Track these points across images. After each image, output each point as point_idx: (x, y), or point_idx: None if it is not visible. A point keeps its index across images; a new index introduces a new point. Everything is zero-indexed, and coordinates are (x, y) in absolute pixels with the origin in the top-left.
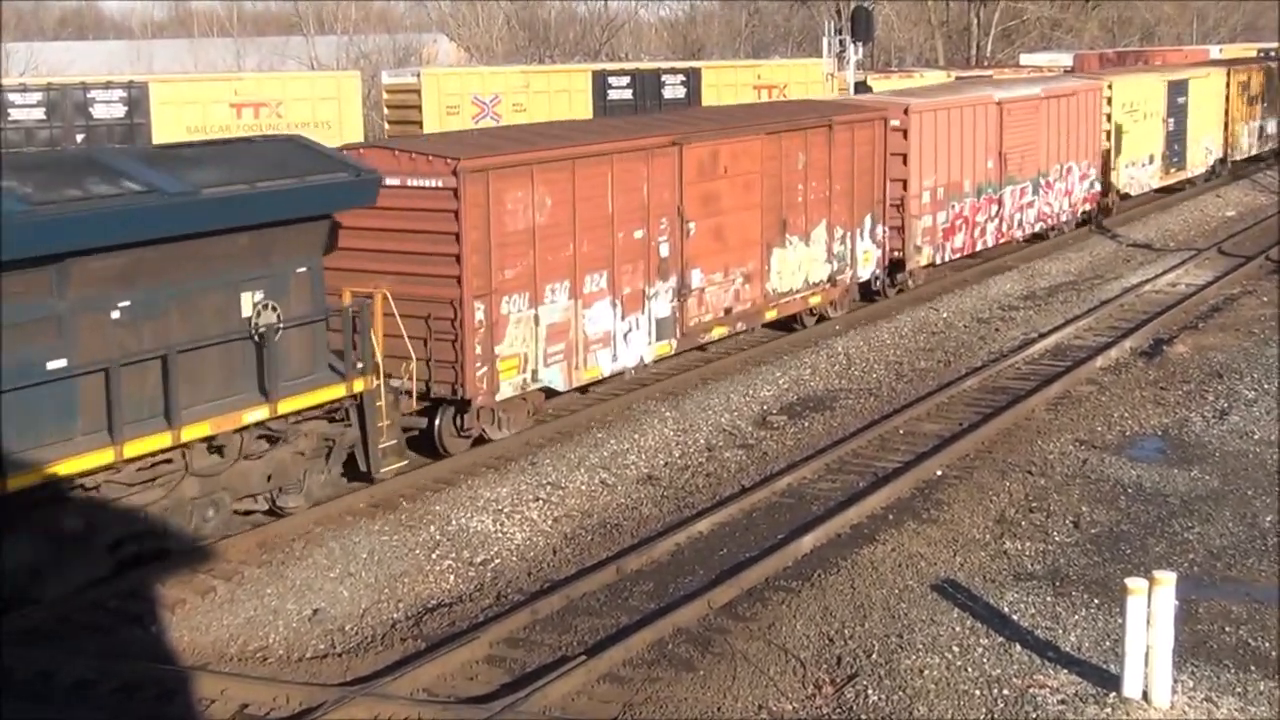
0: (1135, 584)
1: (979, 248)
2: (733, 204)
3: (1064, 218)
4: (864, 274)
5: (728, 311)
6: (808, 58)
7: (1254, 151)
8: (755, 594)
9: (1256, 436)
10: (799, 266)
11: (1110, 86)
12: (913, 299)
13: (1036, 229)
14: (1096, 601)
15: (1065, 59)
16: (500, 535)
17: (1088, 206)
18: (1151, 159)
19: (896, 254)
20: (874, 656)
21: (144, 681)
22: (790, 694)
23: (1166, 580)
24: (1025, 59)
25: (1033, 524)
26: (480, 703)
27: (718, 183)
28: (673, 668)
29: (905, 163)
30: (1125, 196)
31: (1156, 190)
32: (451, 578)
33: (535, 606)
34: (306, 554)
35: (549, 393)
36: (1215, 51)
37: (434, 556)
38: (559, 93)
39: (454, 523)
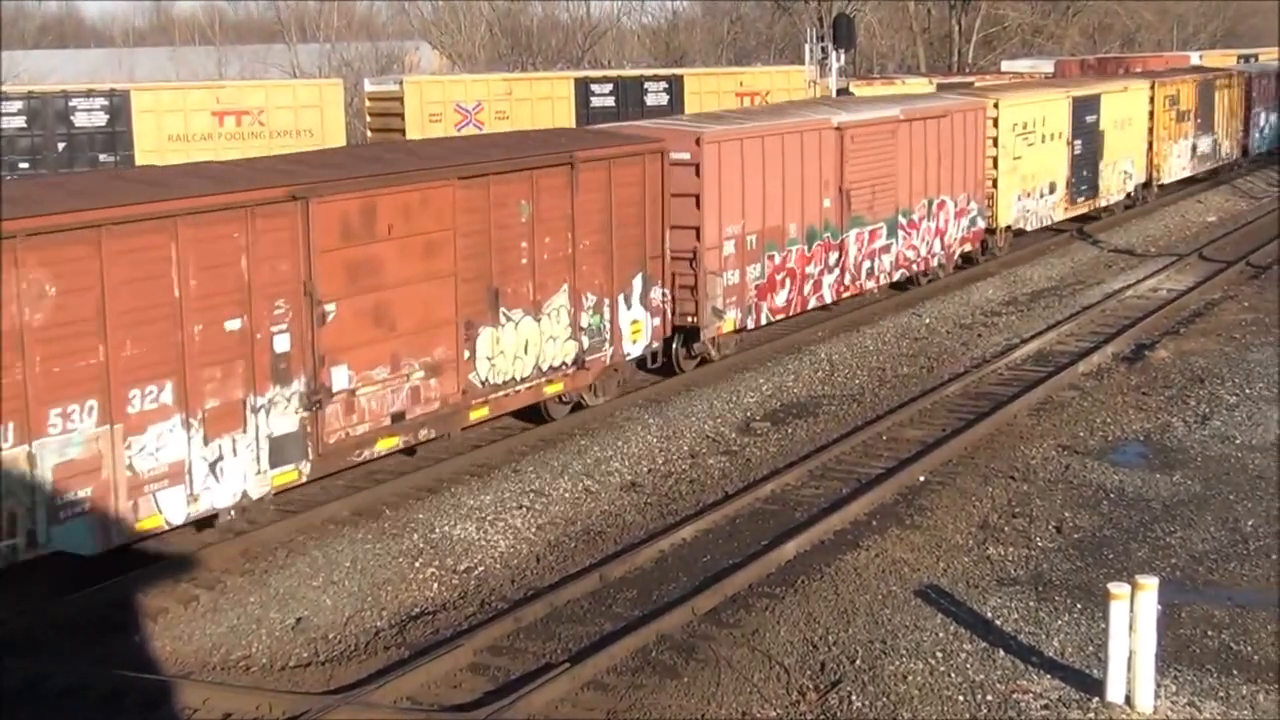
0: (1118, 589)
1: (812, 305)
2: (404, 274)
3: (935, 261)
4: (634, 349)
5: (399, 417)
6: (790, 65)
7: (1186, 174)
8: (739, 600)
9: (1238, 441)
10: (525, 348)
11: (996, 106)
12: (896, 305)
13: (897, 277)
14: (1079, 606)
15: (1046, 65)
16: (484, 543)
17: (968, 247)
18: (1052, 188)
19: (689, 320)
20: (858, 662)
21: (127, 690)
22: (774, 700)
23: (1149, 585)
24: (1006, 65)
25: (1015, 529)
26: (464, 711)
27: (378, 247)
28: (657, 675)
29: (698, 205)
30: (1019, 233)
31: (1061, 223)
32: (435, 585)
33: (519, 614)
34: (289, 562)
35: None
36: (1195, 58)
37: (417, 564)
38: (542, 100)
39: (437, 530)
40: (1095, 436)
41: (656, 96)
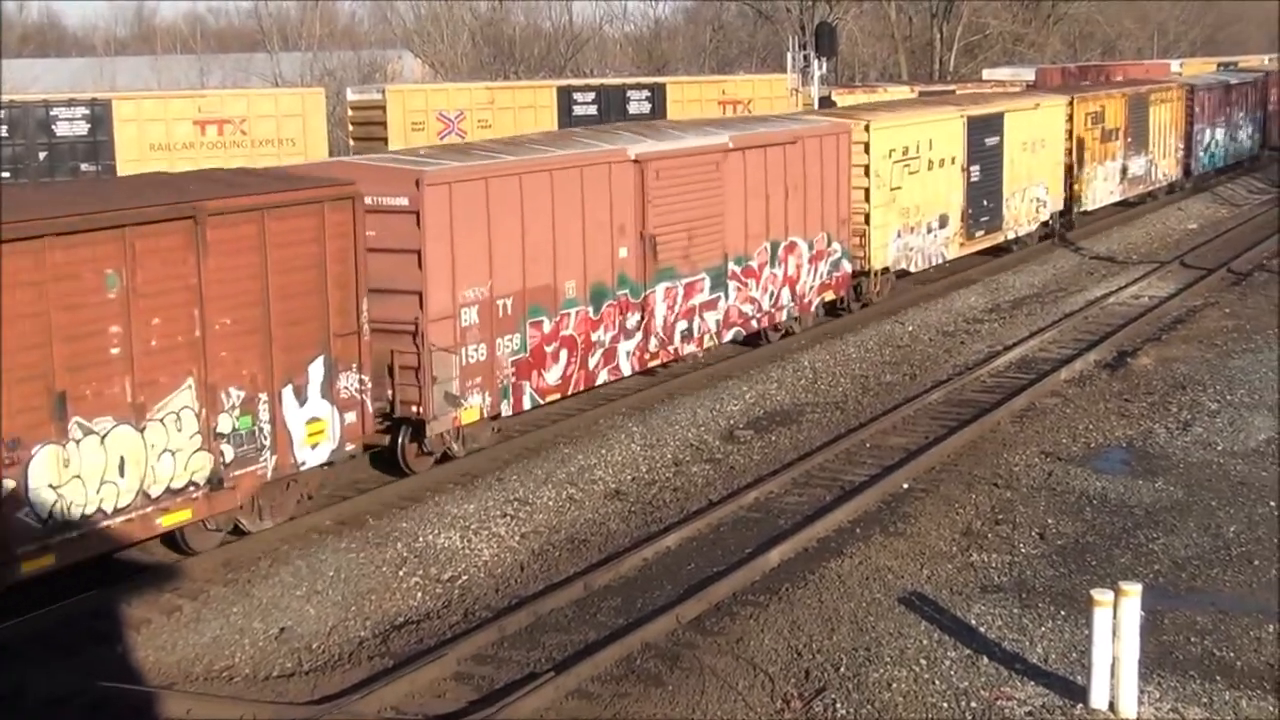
0: (1101, 595)
1: (601, 380)
2: None
3: (785, 314)
4: (314, 455)
5: None
6: (772, 73)
7: (1115, 198)
8: (723, 608)
9: (1220, 447)
10: (121, 469)
11: (867, 129)
12: (876, 313)
13: (729, 336)
14: (1063, 613)
15: (1028, 73)
16: (468, 552)
17: (830, 295)
18: (944, 221)
19: (414, 410)
20: (842, 669)
21: (110, 701)
22: (759, 708)
23: (1132, 591)
24: (988, 74)
25: (999, 536)
26: None
27: None
28: (641, 683)
29: (420, 264)
30: (903, 274)
31: (958, 259)
32: (419, 595)
33: (503, 623)
34: (273, 572)
35: None
36: (1176, 65)
37: (401, 574)
38: (524, 109)
39: (421, 540)
40: (1078, 443)
41: (639, 105)
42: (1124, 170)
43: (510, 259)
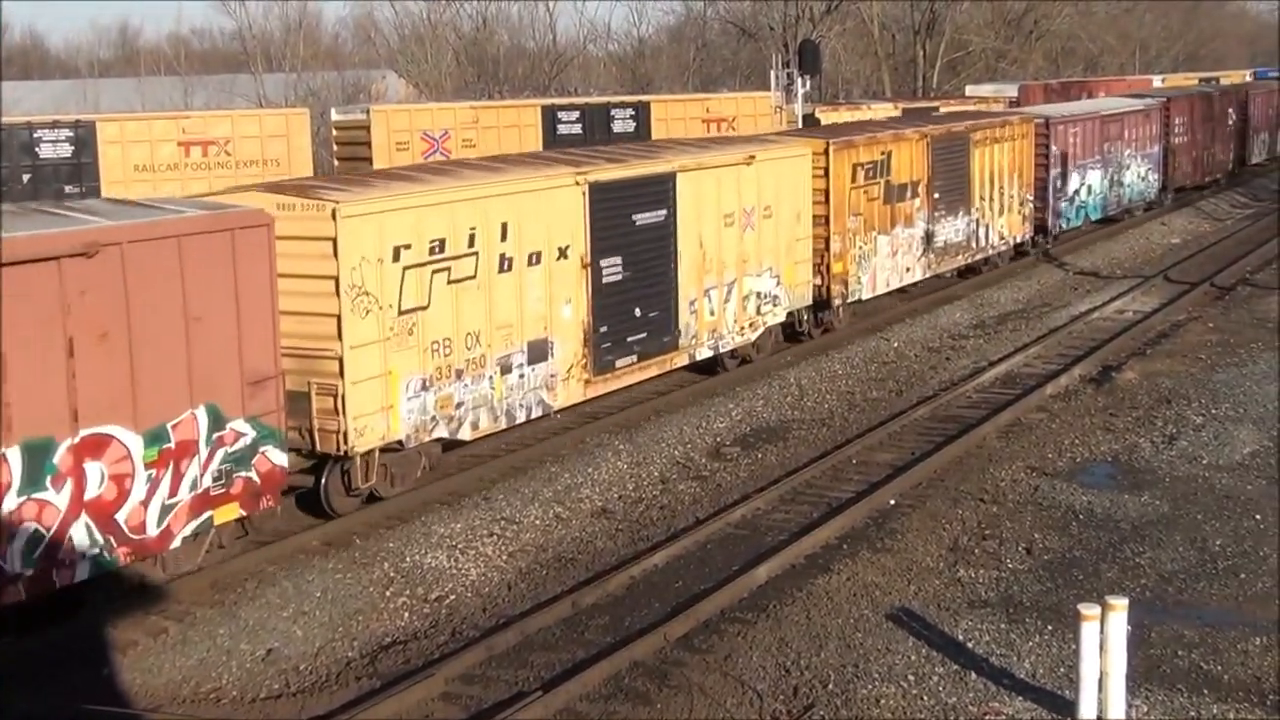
0: (1088, 610)
1: None
2: None
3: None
4: None
5: None
6: (756, 91)
7: (915, 277)
8: (711, 626)
9: (1205, 461)
10: None
11: (335, 216)
12: (861, 330)
13: None
14: (1050, 628)
15: (1011, 90)
16: (455, 571)
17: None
18: (538, 353)
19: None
20: (830, 686)
21: None
22: None
23: (1119, 605)
24: (971, 90)
25: (986, 551)
26: None
27: None
28: (629, 701)
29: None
30: (455, 445)
31: (570, 407)
32: (406, 615)
33: (490, 642)
34: (259, 593)
35: None
36: (1158, 81)
37: (388, 594)
38: (509, 128)
39: (408, 559)
40: (1064, 458)
41: (624, 123)
42: (928, 238)
43: None
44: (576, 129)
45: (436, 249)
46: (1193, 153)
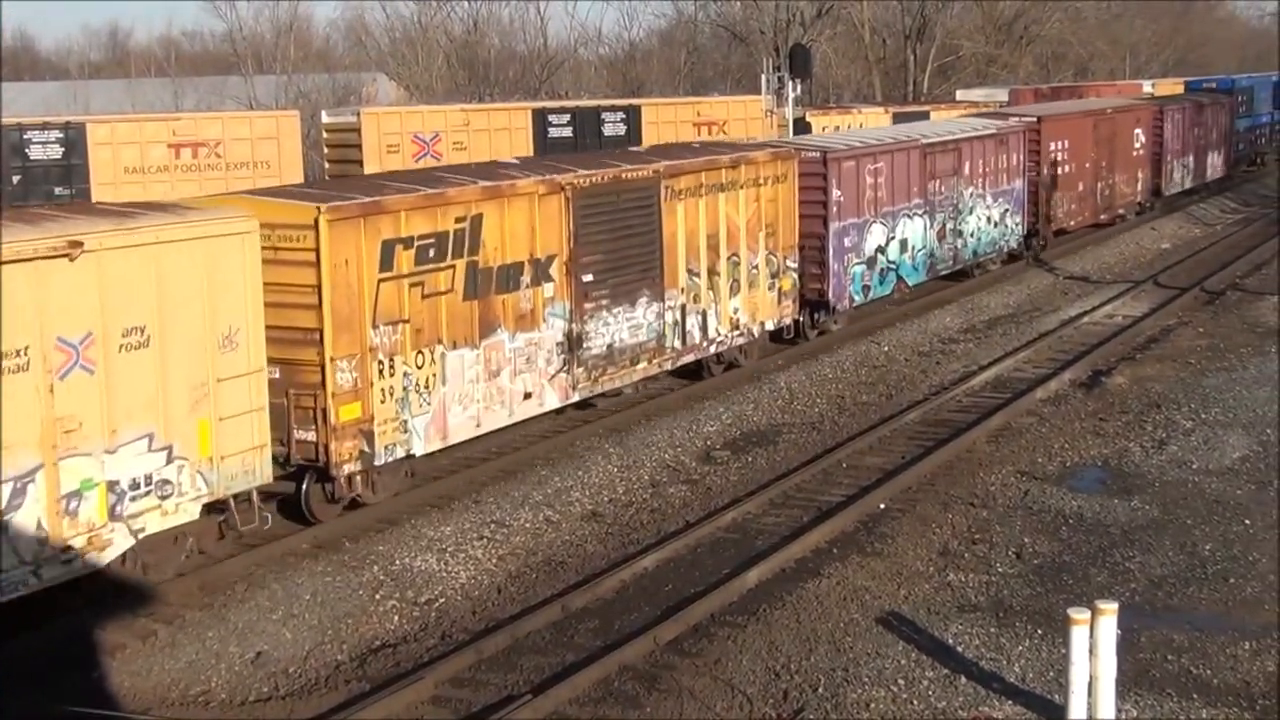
0: (1078, 614)
1: None
2: None
3: None
4: None
5: None
6: (747, 95)
7: (549, 404)
8: (701, 630)
9: (1195, 466)
10: None
11: None
12: (852, 334)
13: None
14: (1040, 632)
15: (1001, 94)
16: (444, 574)
17: None
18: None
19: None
20: (820, 690)
21: None
22: None
23: (1109, 610)
24: (961, 94)
25: (975, 555)
26: None
27: None
28: (619, 705)
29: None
30: None
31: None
32: (396, 618)
33: (480, 646)
34: (249, 596)
35: None
36: (1148, 86)
37: (378, 597)
38: (499, 131)
39: (398, 562)
40: (1054, 462)
41: (614, 127)
42: (572, 343)
43: None
44: (567, 132)
45: None
46: (1080, 186)
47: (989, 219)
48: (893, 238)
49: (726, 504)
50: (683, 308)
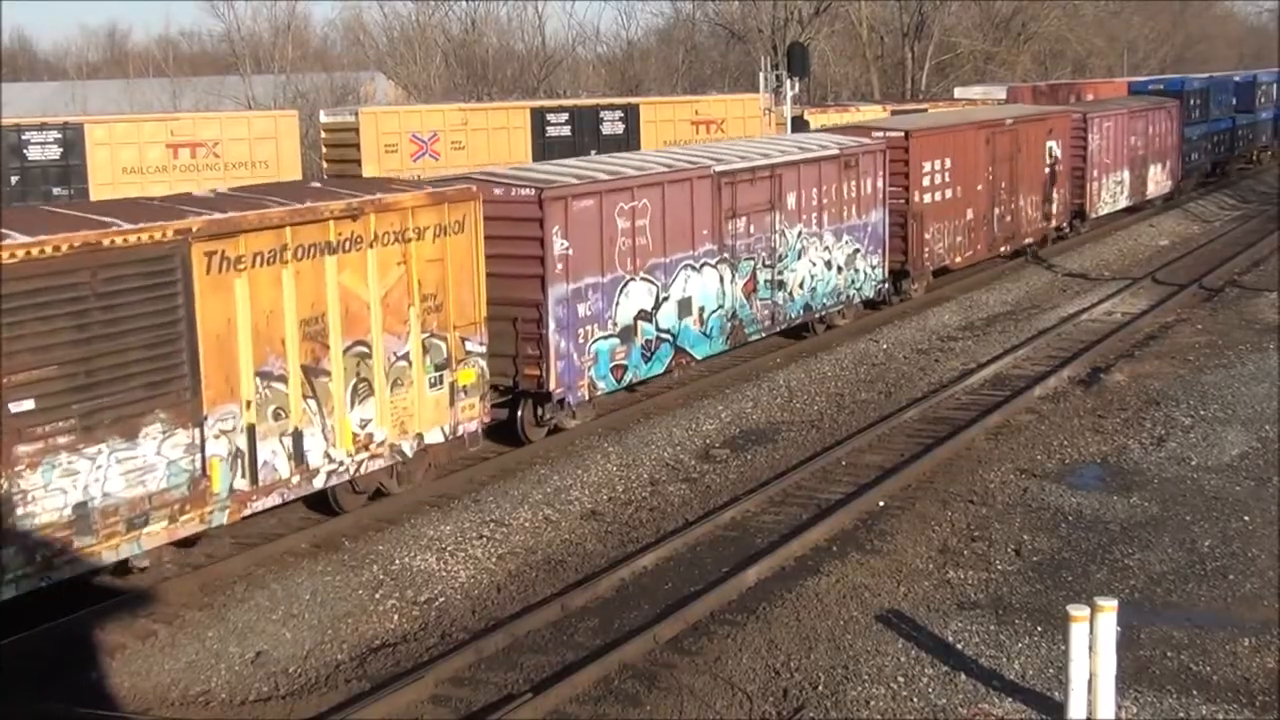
0: (1078, 611)
1: None
2: None
3: None
4: None
5: None
6: (745, 93)
7: None
8: (701, 628)
9: (1194, 463)
10: None
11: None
12: (850, 332)
13: None
14: (1040, 629)
15: (999, 91)
16: (444, 573)
17: None
18: None
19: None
20: (820, 688)
21: None
22: None
23: (1109, 607)
24: (959, 92)
25: (975, 553)
26: None
27: None
28: (619, 704)
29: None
30: None
31: None
32: (395, 617)
33: (480, 645)
34: (248, 596)
35: None
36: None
37: (377, 596)
38: (498, 130)
39: (397, 562)
40: (1053, 460)
41: (612, 125)
42: None
43: None
44: (565, 131)
45: None
46: (969, 214)
47: (829, 263)
48: (666, 298)
49: (726, 502)
50: (250, 429)
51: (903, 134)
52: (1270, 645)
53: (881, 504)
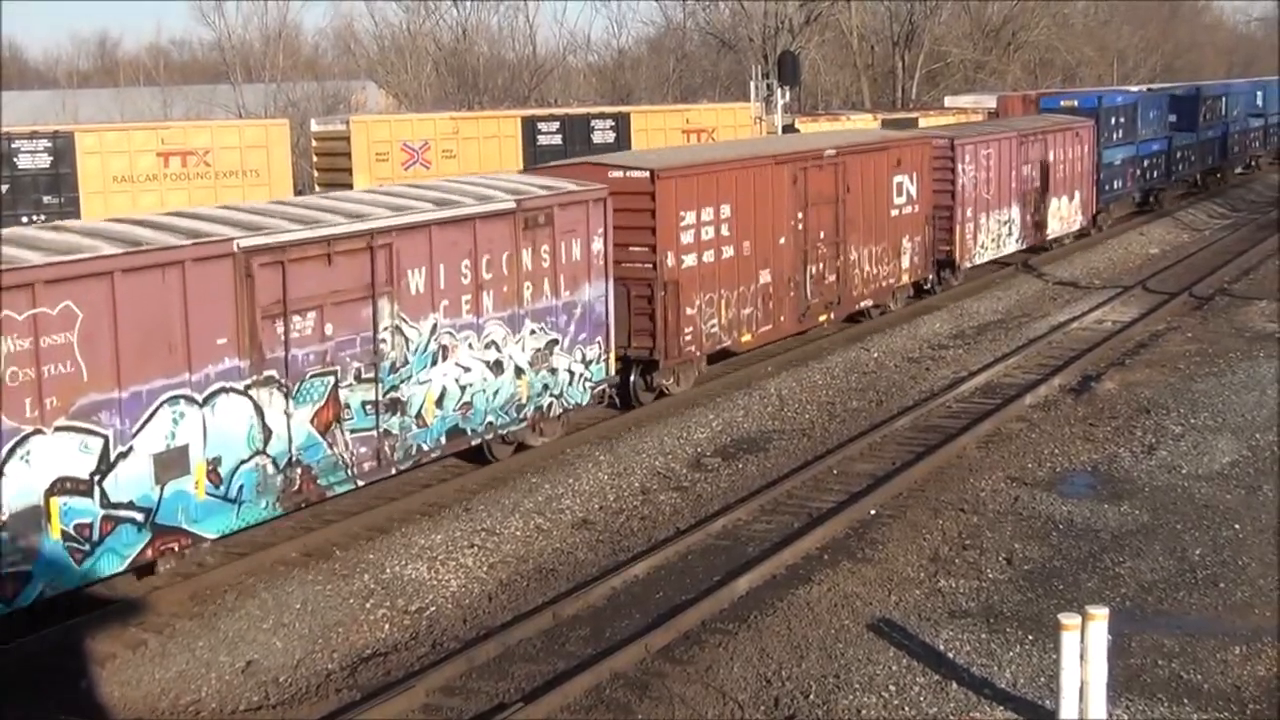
0: (1069, 619)
1: None
2: None
3: None
4: None
5: None
6: (736, 102)
7: None
8: (692, 637)
9: (1184, 471)
10: None
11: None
12: (842, 340)
13: None
14: (1031, 637)
15: (989, 101)
16: (435, 583)
17: None
18: None
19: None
20: (811, 697)
21: None
22: None
23: (1100, 615)
24: (950, 101)
25: (966, 561)
26: None
27: None
28: (611, 712)
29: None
30: None
31: None
32: (386, 627)
33: (471, 654)
34: (239, 605)
35: None
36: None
37: (368, 605)
38: (489, 139)
39: (388, 571)
40: (1044, 468)
41: (603, 134)
42: None
43: None
44: (556, 140)
45: None
46: (764, 277)
47: (497, 364)
48: (124, 455)
49: (717, 511)
50: None
51: (646, 174)
52: (1261, 653)
53: (873, 512)
